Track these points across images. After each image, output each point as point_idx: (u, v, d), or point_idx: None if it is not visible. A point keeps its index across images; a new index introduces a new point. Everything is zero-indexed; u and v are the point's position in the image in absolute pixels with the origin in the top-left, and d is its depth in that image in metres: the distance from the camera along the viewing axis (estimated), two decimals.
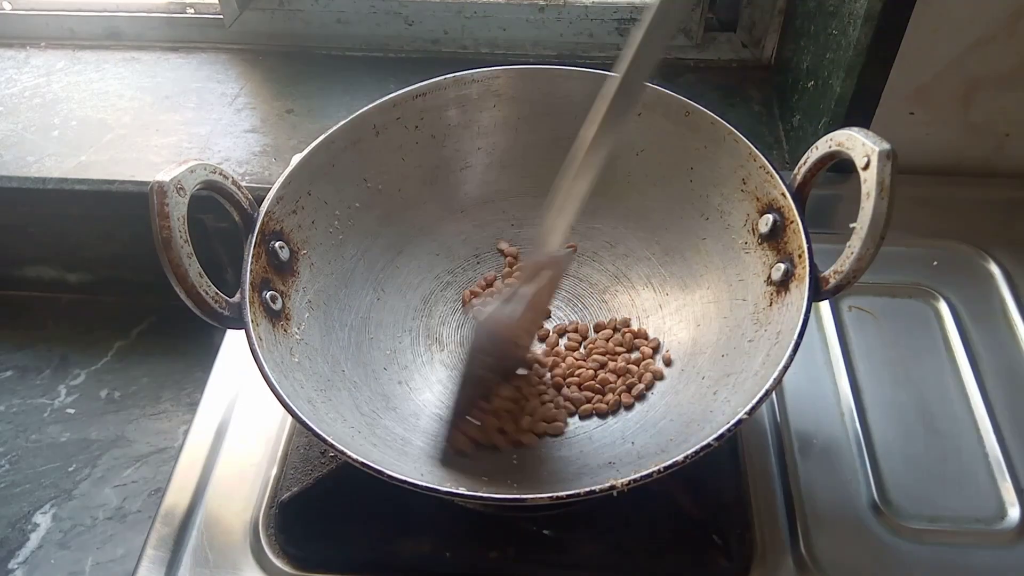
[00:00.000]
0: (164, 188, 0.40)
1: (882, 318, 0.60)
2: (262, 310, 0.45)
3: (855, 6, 0.60)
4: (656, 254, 0.57)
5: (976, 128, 0.67)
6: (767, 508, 0.50)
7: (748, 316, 0.49)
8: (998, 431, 0.53)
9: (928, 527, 0.50)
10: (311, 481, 0.51)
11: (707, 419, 0.44)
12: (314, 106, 0.82)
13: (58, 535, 0.75)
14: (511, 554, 0.49)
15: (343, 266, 0.54)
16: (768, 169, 0.48)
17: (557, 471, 0.47)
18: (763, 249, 0.49)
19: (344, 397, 0.48)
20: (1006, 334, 0.59)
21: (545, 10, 0.82)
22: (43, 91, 0.85)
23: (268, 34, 0.87)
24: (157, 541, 0.51)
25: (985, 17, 0.59)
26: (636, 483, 0.37)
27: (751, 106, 0.80)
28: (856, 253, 0.41)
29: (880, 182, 0.39)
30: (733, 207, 0.51)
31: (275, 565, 0.49)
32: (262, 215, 0.47)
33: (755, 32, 0.81)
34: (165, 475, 0.55)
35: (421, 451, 0.48)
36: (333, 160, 0.53)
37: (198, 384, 0.71)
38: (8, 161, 0.78)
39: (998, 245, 0.64)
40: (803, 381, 0.57)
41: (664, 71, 0.83)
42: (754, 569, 0.48)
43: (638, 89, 0.43)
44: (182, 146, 0.79)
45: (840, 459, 0.53)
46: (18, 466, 0.80)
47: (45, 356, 0.88)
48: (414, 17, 0.84)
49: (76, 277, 0.91)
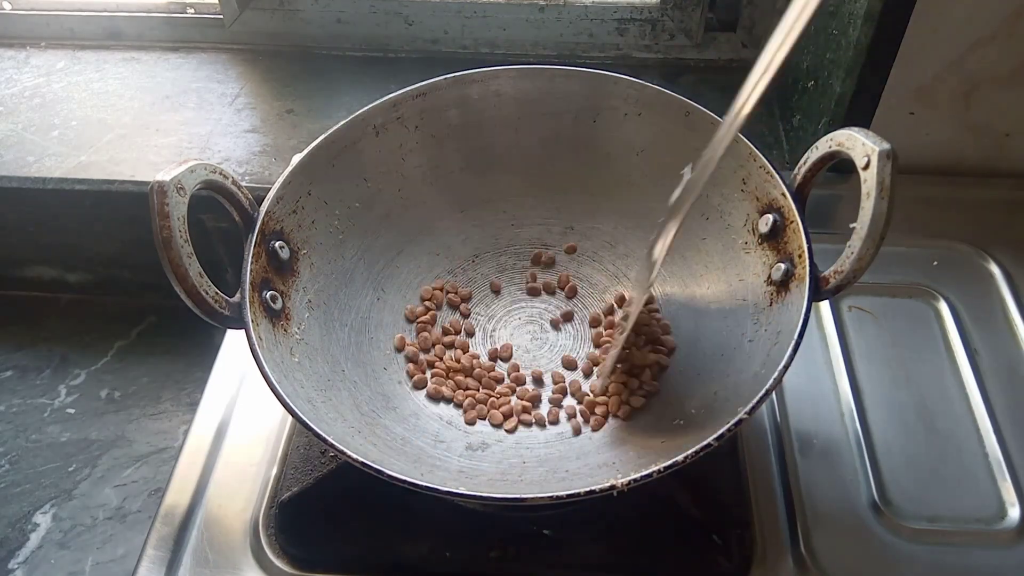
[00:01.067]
0: (164, 188, 0.40)
1: (882, 318, 0.60)
2: (262, 310, 0.45)
3: (855, 6, 0.60)
4: None
5: (976, 128, 0.67)
6: (767, 508, 0.50)
7: (748, 316, 0.49)
8: (998, 431, 0.53)
9: (928, 527, 0.50)
10: (311, 481, 0.51)
11: (707, 419, 0.44)
12: (314, 106, 0.82)
13: (58, 535, 0.75)
14: (511, 554, 0.49)
15: (343, 266, 0.54)
16: (768, 169, 0.48)
17: (557, 471, 0.47)
18: (763, 249, 0.49)
19: (344, 397, 0.48)
20: (1006, 334, 0.59)
21: (545, 10, 0.82)
22: (43, 91, 0.85)
23: (268, 34, 0.87)
24: (157, 541, 0.51)
25: (985, 17, 0.59)
26: (636, 483, 0.37)
27: None
28: (856, 253, 0.41)
29: (880, 182, 0.39)
30: (733, 207, 0.51)
31: (275, 565, 0.49)
32: (262, 215, 0.47)
33: (755, 32, 0.81)
34: (165, 475, 0.55)
35: (421, 451, 0.48)
36: (333, 160, 0.53)
37: (198, 384, 0.71)
38: (8, 161, 0.78)
39: (998, 245, 0.64)
40: (803, 381, 0.57)
41: (664, 71, 0.83)
42: (754, 569, 0.48)
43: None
44: (182, 146, 0.79)
45: (840, 459, 0.53)
46: (18, 466, 0.80)
47: (45, 356, 0.88)
48: (414, 17, 0.84)
49: (76, 277, 0.91)
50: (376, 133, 0.54)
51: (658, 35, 0.83)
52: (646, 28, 0.82)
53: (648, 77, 0.54)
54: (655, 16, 0.81)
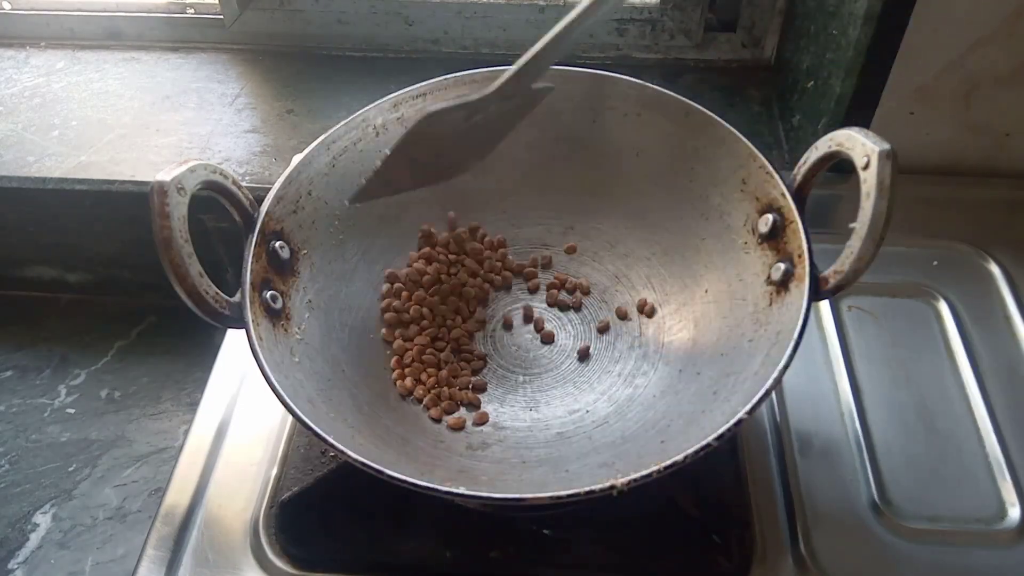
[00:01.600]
0: (164, 188, 0.40)
1: (882, 318, 0.60)
2: (262, 310, 0.45)
3: (855, 6, 0.60)
4: (656, 254, 0.57)
5: (976, 128, 0.67)
6: (767, 508, 0.50)
7: (748, 316, 0.49)
8: (998, 431, 0.53)
9: (928, 527, 0.50)
10: (311, 481, 0.51)
11: (707, 419, 0.44)
12: (314, 106, 0.82)
13: (58, 535, 0.75)
14: (511, 554, 0.49)
15: (343, 266, 0.54)
16: (768, 169, 0.48)
17: (557, 471, 0.47)
18: (763, 249, 0.49)
19: (344, 397, 0.48)
20: (1006, 334, 0.59)
21: (545, 10, 0.82)
22: (43, 91, 0.85)
23: (268, 34, 0.87)
24: (157, 541, 0.51)
25: (985, 17, 0.59)
26: (636, 483, 0.38)
27: (751, 106, 0.80)
28: (856, 253, 0.41)
29: (880, 182, 0.39)
30: (733, 207, 0.51)
31: (275, 565, 0.49)
32: (262, 215, 0.47)
33: (755, 32, 0.81)
34: (165, 475, 0.55)
35: (421, 451, 0.48)
36: (333, 160, 0.53)
37: (198, 384, 0.71)
38: (8, 161, 0.78)
39: (998, 245, 0.64)
40: (803, 381, 0.57)
41: (664, 71, 0.83)
42: (754, 569, 0.48)
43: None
44: (182, 146, 0.79)
45: (840, 459, 0.53)
46: (18, 466, 0.80)
47: (45, 356, 0.88)
48: (414, 17, 0.84)
49: (76, 277, 0.91)
50: (376, 133, 0.54)
51: (658, 35, 0.83)
52: (646, 28, 0.82)
53: (648, 77, 0.54)
54: (655, 16, 0.81)
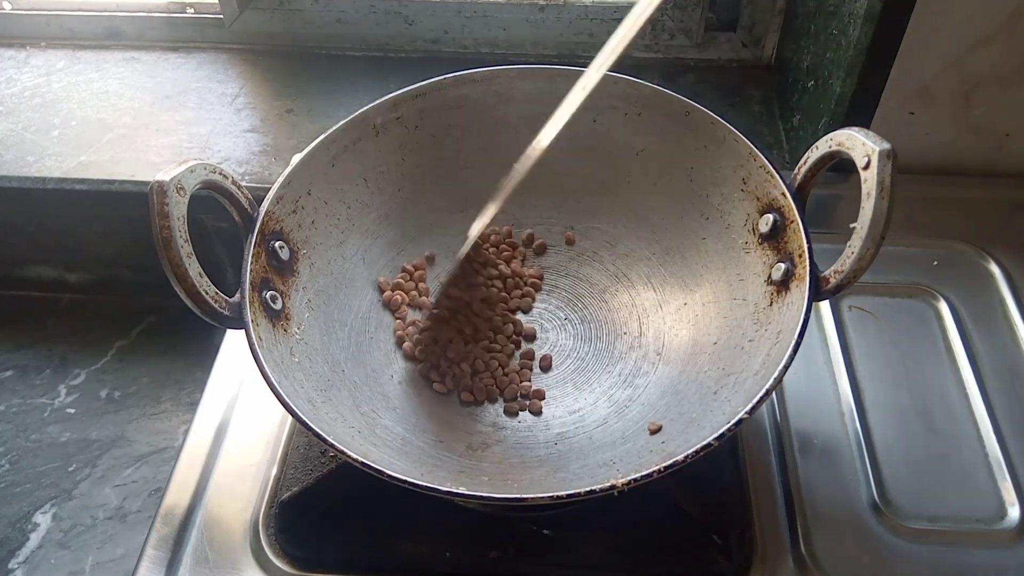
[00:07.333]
0: (164, 188, 0.40)
1: (882, 318, 0.60)
2: (262, 310, 0.45)
3: (855, 6, 0.60)
4: (656, 254, 0.57)
5: (976, 128, 0.67)
6: (767, 508, 0.50)
7: (748, 316, 0.49)
8: (998, 431, 0.53)
9: (928, 527, 0.50)
10: (311, 481, 0.51)
11: (707, 419, 0.44)
12: (314, 106, 0.82)
13: (58, 535, 0.75)
14: (511, 554, 0.49)
15: (343, 266, 0.54)
16: (768, 169, 0.48)
17: (557, 471, 0.47)
18: (763, 249, 0.49)
19: (344, 397, 0.48)
20: (1006, 334, 0.59)
21: (545, 10, 0.82)
22: (43, 91, 0.85)
23: (268, 34, 0.87)
24: (157, 541, 0.51)
25: (985, 17, 0.59)
26: (636, 483, 0.38)
27: (751, 106, 0.80)
28: (856, 253, 0.41)
29: (880, 182, 0.39)
30: (733, 207, 0.51)
31: (275, 565, 0.49)
32: (262, 215, 0.47)
33: (755, 32, 0.81)
34: (165, 475, 0.55)
35: (421, 451, 0.48)
36: (333, 160, 0.53)
37: (198, 384, 0.71)
38: (8, 161, 0.78)
39: (998, 245, 0.64)
40: (803, 381, 0.57)
41: (664, 71, 0.83)
42: (754, 569, 0.48)
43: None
44: (182, 146, 0.79)
45: (840, 459, 0.53)
46: (18, 466, 0.80)
47: (45, 356, 0.88)
48: (414, 17, 0.84)
49: (76, 277, 0.91)
50: (376, 133, 0.54)
51: (658, 35, 0.83)
52: (646, 28, 0.82)
53: (648, 77, 0.54)
54: (655, 16, 0.81)
